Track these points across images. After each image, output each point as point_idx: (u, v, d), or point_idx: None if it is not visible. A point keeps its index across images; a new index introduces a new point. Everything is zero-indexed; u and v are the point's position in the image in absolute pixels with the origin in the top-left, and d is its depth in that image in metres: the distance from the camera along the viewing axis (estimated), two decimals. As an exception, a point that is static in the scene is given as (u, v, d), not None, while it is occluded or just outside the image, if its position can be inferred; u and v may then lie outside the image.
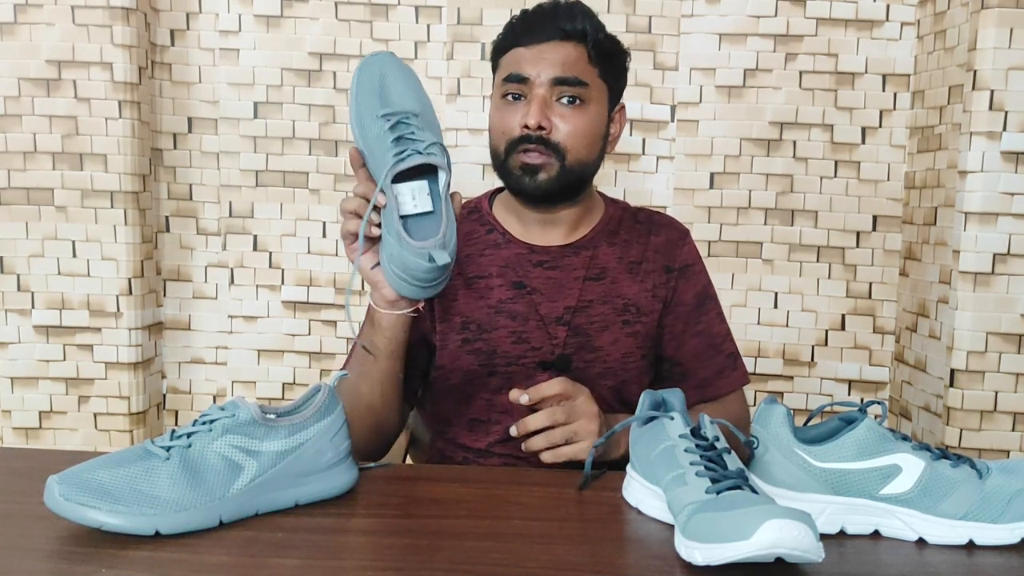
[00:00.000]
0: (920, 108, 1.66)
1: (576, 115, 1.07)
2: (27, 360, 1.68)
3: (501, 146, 1.09)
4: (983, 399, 1.47)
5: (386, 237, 0.89)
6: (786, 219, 1.73)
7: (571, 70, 1.06)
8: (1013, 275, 1.45)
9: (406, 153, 0.87)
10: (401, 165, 0.87)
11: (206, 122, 1.75)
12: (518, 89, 1.07)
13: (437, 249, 0.87)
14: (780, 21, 1.68)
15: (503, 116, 1.09)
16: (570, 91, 1.06)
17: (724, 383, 1.16)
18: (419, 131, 0.90)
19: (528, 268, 1.12)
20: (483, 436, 1.12)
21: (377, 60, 0.95)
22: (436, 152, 0.89)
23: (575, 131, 1.06)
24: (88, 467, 0.71)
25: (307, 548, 0.70)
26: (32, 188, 1.65)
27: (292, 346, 1.79)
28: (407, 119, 0.90)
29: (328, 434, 0.80)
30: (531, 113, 1.05)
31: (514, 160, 1.07)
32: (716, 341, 1.17)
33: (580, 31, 1.07)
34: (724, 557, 0.62)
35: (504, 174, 1.10)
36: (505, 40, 1.11)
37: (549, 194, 1.08)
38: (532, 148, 1.06)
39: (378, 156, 0.89)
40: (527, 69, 1.06)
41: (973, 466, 0.75)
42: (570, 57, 1.06)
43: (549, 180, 1.06)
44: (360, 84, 0.93)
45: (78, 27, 1.61)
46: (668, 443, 0.76)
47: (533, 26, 1.08)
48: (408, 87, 0.94)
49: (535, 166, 1.06)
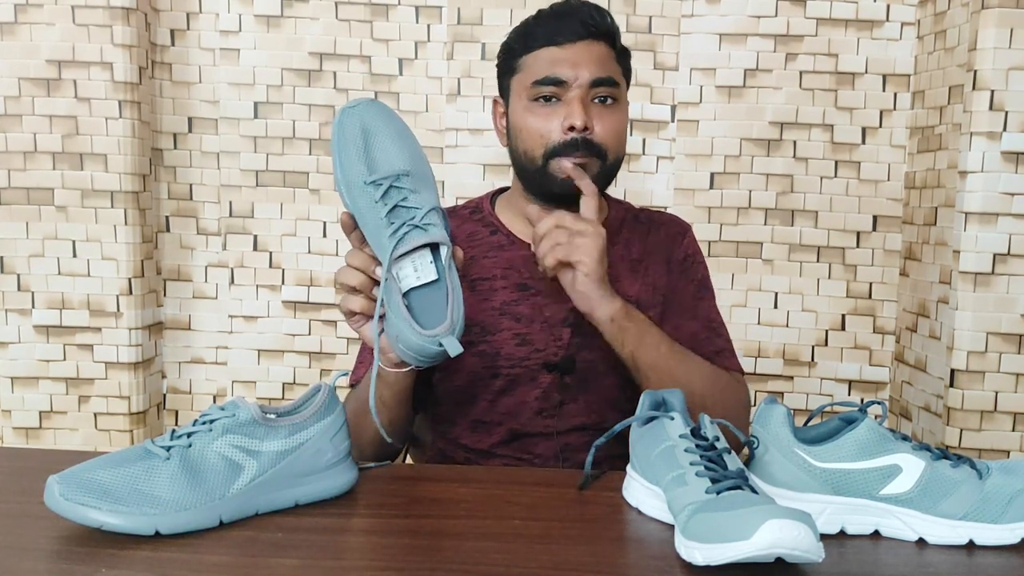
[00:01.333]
0: (920, 108, 1.66)
1: (612, 114, 1.06)
2: (27, 360, 1.68)
3: (538, 151, 1.06)
4: (983, 399, 1.47)
5: (391, 316, 0.85)
6: (786, 219, 1.73)
7: (606, 70, 1.06)
8: (1013, 275, 1.45)
9: (403, 231, 0.83)
10: (400, 248, 0.83)
11: (206, 122, 1.75)
12: (553, 91, 1.05)
13: (447, 336, 0.84)
14: (780, 21, 1.68)
15: (538, 120, 1.05)
16: (605, 91, 1.05)
17: (724, 361, 1.14)
18: (412, 195, 0.85)
19: (533, 269, 1.12)
20: (485, 437, 1.12)
21: (356, 113, 0.88)
22: (434, 221, 0.85)
23: (613, 130, 1.06)
24: (88, 467, 0.71)
25: (307, 548, 0.70)
26: (32, 188, 1.65)
27: (292, 346, 1.79)
28: (398, 182, 0.85)
29: (328, 434, 0.80)
30: (575, 114, 1.03)
31: (558, 163, 1.05)
32: (714, 326, 1.16)
33: (608, 30, 1.07)
34: (724, 557, 0.62)
35: (544, 179, 1.07)
36: (527, 39, 1.08)
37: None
38: (579, 152, 1.03)
39: (371, 229, 0.85)
40: (563, 71, 1.04)
41: (973, 466, 0.75)
42: (604, 56, 1.06)
43: (594, 179, 1.05)
44: (342, 144, 0.88)
45: (78, 27, 1.61)
46: (668, 443, 0.76)
47: (562, 26, 1.06)
48: (394, 141, 0.88)
49: (581, 166, 1.04)
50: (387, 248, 0.83)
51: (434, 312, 0.86)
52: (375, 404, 0.91)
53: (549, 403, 1.09)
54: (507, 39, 1.12)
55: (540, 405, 1.09)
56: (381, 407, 0.99)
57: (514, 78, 1.10)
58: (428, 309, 0.85)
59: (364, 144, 0.87)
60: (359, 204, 0.86)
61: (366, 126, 0.88)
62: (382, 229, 0.84)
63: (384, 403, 0.98)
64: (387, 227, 0.84)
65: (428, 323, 0.84)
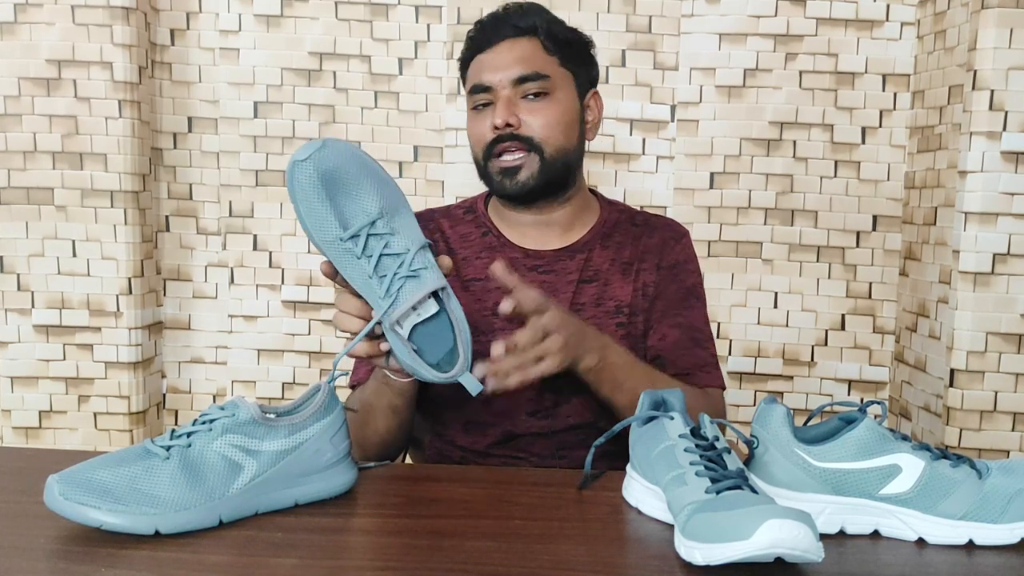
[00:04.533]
0: (920, 108, 1.66)
1: (544, 107, 1.08)
2: (27, 360, 1.68)
3: (480, 154, 1.11)
4: (983, 399, 1.47)
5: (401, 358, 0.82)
6: (786, 219, 1.73)
7: (529, 65, 1.08)
8: (1013, 275, 1.45)
9: (396, 287, 0.79)
10: (398, 309, 0.79)
11: (206, 122, 1.75)
12: (485, 98, 1.10)
13: (464, 375, 0.83)
14: (780, 21, 1.68)
15: (475, 125, 1.11)
16: (534, 86, 1.08)
17: (704, 376, 1.13)
18: (393, 237, 0.80)
19: (523, 272, 1.11)
20: (480, 438, 1.12)
21: (310, 165, 0.79)
22: (423, 262, 0.81)
23: (547, 122, 1.08)
24: (88, 466, 0.71)
25: (307, 548, 0.70)
26: (32, 188, 1.65)
27: (292, 346, 1.79)
28: (374, 228, 0.80)
29: (328, 434, 0.80)
30: (497, 113, 1.07)
31: (493, 165, 1.09)
32: (698, 336, 1.15)
33: (530, 26, 1.09)
34: (724, 557, 0.62)
35: (488, 181, 1.12)
36: (466, 52, 1.14)
37: (534, 191, 1.09)
38: (507, 146, 1.07)
39: (360, 286, 0.81)
40: (487, 76, 1.09)
41: (973, 466, 0.75)
42: (526, 52, 1.09)
43: (532, 177, 1.08)
44: (304, 200, 0.79)
45: (78, 27, 1.61)
46: (668, 443, 0.76)
47: (487, 32, 1.11)
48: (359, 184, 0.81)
49: (514, 167, 1.08)
50: (382, 308, 0.79)
51: (439, 342, 0.84)
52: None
53: (543, 405, 1.09)
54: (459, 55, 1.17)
55: (534, 407, 1.09)
56: (392, 412, 1.01)
57: (464, 88, 1.16)
58: (432, 341, 0.84)
59: (327, 197, 0.79)
60: (341, 263, 0.81)
61: (325, 176, 0.80)
62: (373, 287, 0.80)
63: (395, 410, 1.00)
64: (378, 284, 0.79)
65: (434, 354, 0.83)
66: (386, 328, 0.81)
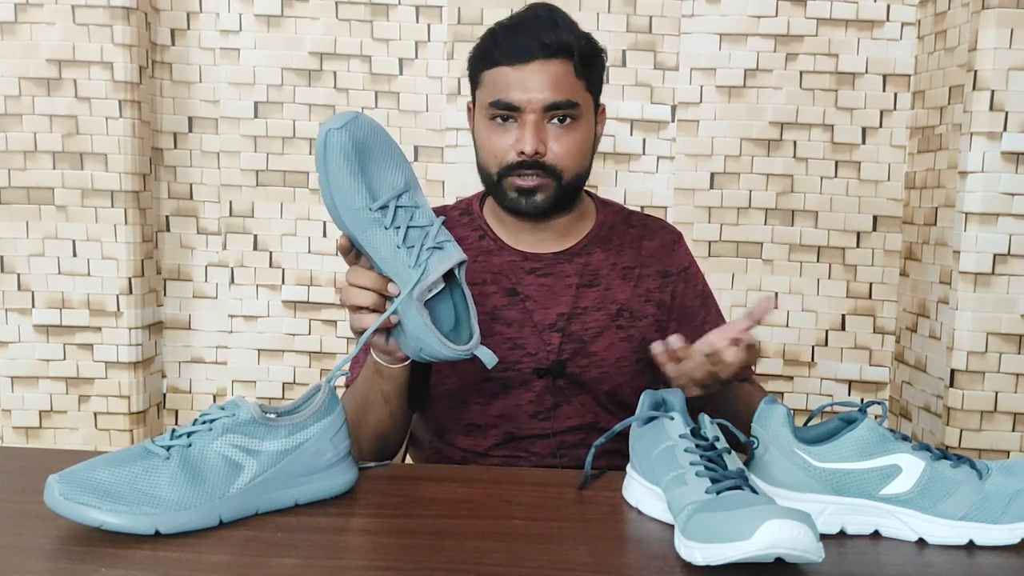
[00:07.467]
0: (920, 108, 1.66)
1: (569, 135, 1.05)
2: (27, 359, 1.68)
3: (493, 169, 1.06)
4: (983, 399, 1.47)
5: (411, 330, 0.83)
6: (786, 219, 1.73)
7: (561, 92, 1.03)
8: (1013, 275, 1.45)
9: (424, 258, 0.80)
10: (427, 279, 0.80)
11: (206, 122, 1.75)
12: (508, 114, 1.04)
13: (480, 348, 0.83)
14: (780, 21, 1.68)
15: (493, 139, 1.06)
16: (561, 113, 1.04)
17: (747, 371, 1.14)
18: (417, 210, 0.82)
19: (521, 275, 1.11)
20: (481, 440, 1.12)
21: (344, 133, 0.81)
22: (445, 235, 0.83)
23: (570, 151, 1.05)
24: (88, 466, 0.71)
25: (307, 548, 0.70)
26: (32, 187, 1.65)
27: (292, 346, 1.79)
28: (400, 201, 0.82)
29: (328, 434, 0.80)
30: (527, 140, 1.02)
31: (508, 183, 1.06)
32: None
33: (566, 45, 1.02)
34: (724, 557, 0.62)
35: (498, 195, 1.08)
36: (486, 55, 1.06)
37: (546, 212, 1.08)
38: (529, 173, 1.04)
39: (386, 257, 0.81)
40: (516, 96, 1.02)
41: (973, 466, 0.75)
42: (559, 78, 1.02)
43: (546, 200, 1.06)
44: (333, 169, 0.81)
45: (78, 26, 1.61)
46: (668, 443, 0.76)
47: (516, 45, 1.03)
48: (386, 156, 0.84)
49: (531, 188, 1.05)
50: (412, 279, 0.80)
51: (443, 317, 0.86)
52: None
53: (543, 406, 1.10)
54: (473, 48, 1.10)
55: (534, 408, 1.10)
56: (383, 402, 1.00)
57: (477, 91, 1.09)
58: (439, 316, 0.85)
59: (359, 166, 0.81)
60: (368, 233, 0.81)
61: (358, 146, 0.81)
62: (401, 258, 0.80)
63: (386, 397, 0.99)
64: (407, 255, 0.80)
65: (440, 328, 0.84)
66: (405, 302, 0.81)
